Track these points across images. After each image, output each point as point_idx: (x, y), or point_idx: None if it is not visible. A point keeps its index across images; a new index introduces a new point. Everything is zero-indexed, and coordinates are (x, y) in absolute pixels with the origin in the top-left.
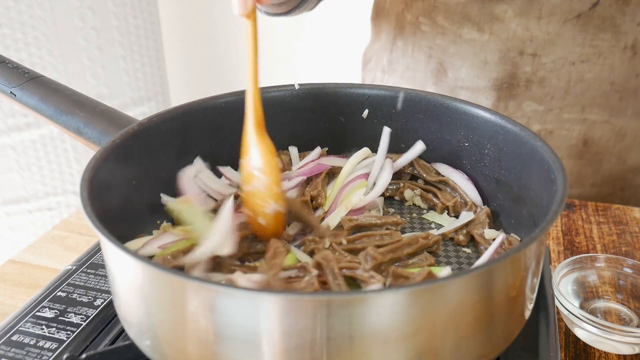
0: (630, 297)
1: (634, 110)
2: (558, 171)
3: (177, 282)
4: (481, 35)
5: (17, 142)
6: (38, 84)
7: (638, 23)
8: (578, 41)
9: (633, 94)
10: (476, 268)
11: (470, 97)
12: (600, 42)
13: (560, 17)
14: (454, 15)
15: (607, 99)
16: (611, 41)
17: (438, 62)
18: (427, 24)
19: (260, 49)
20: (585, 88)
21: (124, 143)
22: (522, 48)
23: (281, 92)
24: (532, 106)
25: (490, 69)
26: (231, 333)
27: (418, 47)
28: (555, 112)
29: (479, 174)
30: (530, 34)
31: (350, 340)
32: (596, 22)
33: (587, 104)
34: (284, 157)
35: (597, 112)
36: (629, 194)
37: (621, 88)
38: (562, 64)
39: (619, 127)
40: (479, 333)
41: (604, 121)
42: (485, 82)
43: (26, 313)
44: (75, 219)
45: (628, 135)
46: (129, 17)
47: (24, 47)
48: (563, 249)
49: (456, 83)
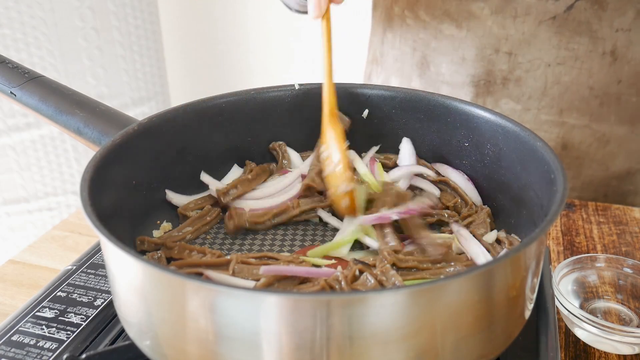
0: (630, 297)
1: (618, 117)
2: (558, 171)
3: (177, 282)
4: (459, 31)
5: (17, 142)
6: (38, 84)
7: (617, 29)
8: (553, 43)
9: (615, 100)
10: (476, 268)
11: (451, 92)
12: (577, 46)
13: (536, 17)
14: (434, 10)
15: (586, 103)
16: (588, 46)
17: (422, 56)
18: (411, 18)
19: (260, 49)
20: (563, 91)
21: (124, 143)
22: (497, 46)
23: (281, 92)
24: (509, 104)
25: (468, 65)
26: (231, 333)
27: (404, 40)
28: (533, 112)
29: (479, 174)
30: (506, 33)
31: (350, 340)
32: (572, 25)
33: (565, 107)
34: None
35: (576, 116)
36: (612, 202)
37: (601, 93)
38: (538, 65)
39: (601, 133)
40: (479, 333)
41: (584, 126)
42: (464, 78)
43: (26, 313)
44: (75, 219)
45: (612, 142)
46: (129, 17)
47: (24, 47)
48: (563, 249)
49: (438, 78)
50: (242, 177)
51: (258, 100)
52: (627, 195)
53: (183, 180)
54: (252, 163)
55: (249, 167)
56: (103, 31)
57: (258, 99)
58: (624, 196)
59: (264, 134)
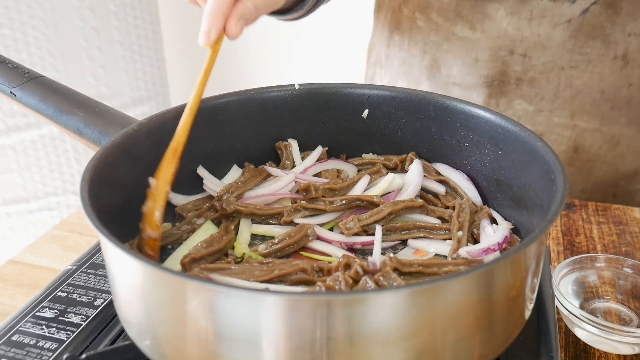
0: (630, 297)
1: (628, 119)
2: (558, 171)
3: (177, 282)
4: (473, 32)
5: (17, 142)
6: (38, 84)
7: (629, 34)
8: (568, 47)
9: (626, 103)
10: (476, 268)
11: (462, 93)
12: (590, 50)
13: (551, 20)
14: (447, 12)
15: (597, 107)
16: (600, 50)
17: (432, 58)
18: (422, 20)
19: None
20: (575, 94)
21: (124, 143)
22: (512, 47)
23: (281, 92)
24: (522, 105)
25: (482, 66)
26: (231, 333)
27: (414, 42)
28: (545, 114)
29: (479, 174)
30: (521, 34)
31: (350, 340)
32: (586, 29)
33: (577, 110)
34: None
35: (587, 119)
36: (621, 201)
37: (612, 97)
38: (551, 67)
39: (610, 135)
40: (479, 333)
41: (595, 129)
42: (477, 79)
43: (26, 313)
44: (75, 219)
45: (621, 144)
46: (129, 17)
47: (24, 47)
48: (563, 249)
49: (449, 79)
50: (235, 181)
51: (258, 100)
52: (634, 194)
53: (183, 180)
54: (250, 165)
55: (247, 169)
56: (103, 31)
57: (258, 99)
58: (632, 195)
59: (264, 134)
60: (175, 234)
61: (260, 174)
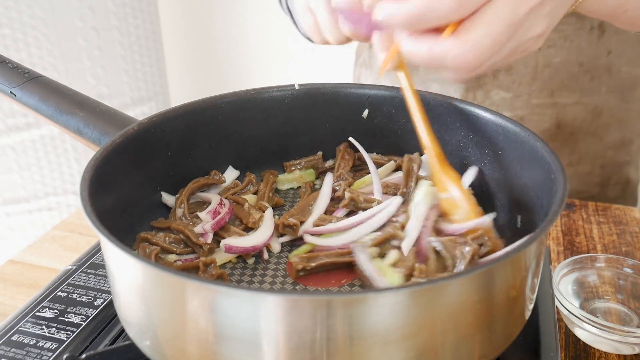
0: (630, 297)
1: (608, 87)
2: (558, 171)
3: (177, 282)
4: None
5: (17, 142)
6: (38, 84)
7: None
8: None
9: (606, 72)
10: (476, 268)
11: (441, 89)
12: (565, 27)
13: None
14: None
15: (575, 80)
16: (576, 24)
17: None
18: None
19: (260, 49)
20: (553, 72)
21: (124, 143)
22: None
23: (281, 92)
24: (500, 94)
25: None
26: (231, 333)
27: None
28: (524, 98)
29: (479, 173)
30: None
31: (350, 340)
32: None
33: (556, 88)
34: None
35: (567, 94)
36: (610, 172)
37: (592, 67)
38: None
39: (592, 106)
40: (479, 333)
41: (575, 102)
42: None
43: (26, 313)
44: (75, 219)
45: (604, 113)
46: (129, 17)
47: (24, 47)
48: (563, 249)
49: (427, 76)
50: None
51: (258, 100)
52: (623, 166)
53: (182, 181)
54: (252, 175)
55: (248, 179)
56: (103, 31)
57: (258, 99)
58: (620, 167)
59: (264, 134)
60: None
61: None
